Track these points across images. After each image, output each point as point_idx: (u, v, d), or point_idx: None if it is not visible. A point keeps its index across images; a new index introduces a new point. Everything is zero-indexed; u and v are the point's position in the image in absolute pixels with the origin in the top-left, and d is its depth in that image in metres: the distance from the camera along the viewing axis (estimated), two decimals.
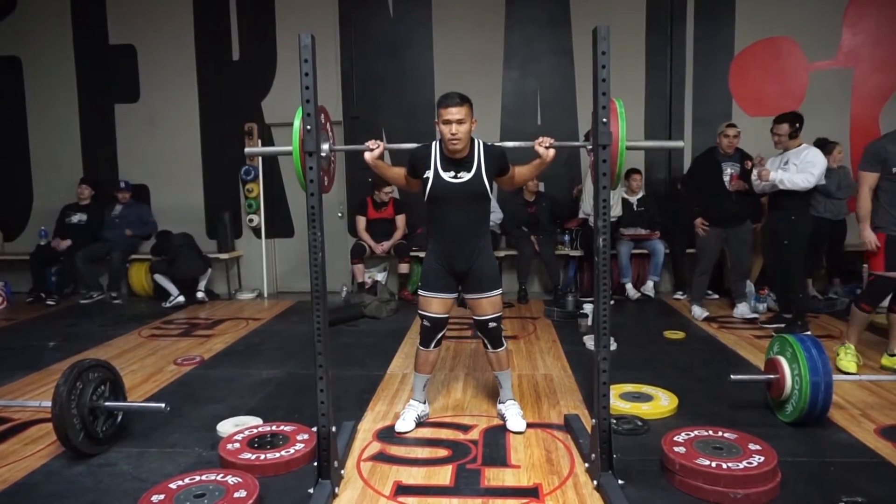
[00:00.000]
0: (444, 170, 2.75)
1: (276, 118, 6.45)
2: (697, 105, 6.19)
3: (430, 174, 2.75)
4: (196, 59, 6.53)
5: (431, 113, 6.37)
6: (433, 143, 2.82)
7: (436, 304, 2.86)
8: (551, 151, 2.68)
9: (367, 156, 2.73)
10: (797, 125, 4.32)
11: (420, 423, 2.94)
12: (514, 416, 2.90)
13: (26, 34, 6.63)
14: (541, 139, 2.68)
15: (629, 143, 2.33)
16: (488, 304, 2.86)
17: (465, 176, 2.74)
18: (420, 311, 2.90)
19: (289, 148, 2.41)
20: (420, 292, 2.92)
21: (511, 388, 3.05)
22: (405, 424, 2.88)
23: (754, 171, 4.56)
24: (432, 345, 2.91)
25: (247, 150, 2.77)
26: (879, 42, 5.94)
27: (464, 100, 2.66)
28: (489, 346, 2.94)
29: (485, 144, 2.80)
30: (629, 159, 6.57)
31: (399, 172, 2.92)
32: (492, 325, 2.88)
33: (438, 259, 2.84)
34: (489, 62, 6.29)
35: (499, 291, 2.89)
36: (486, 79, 6.27)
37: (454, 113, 2.63)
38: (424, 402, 3.02)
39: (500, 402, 3.04)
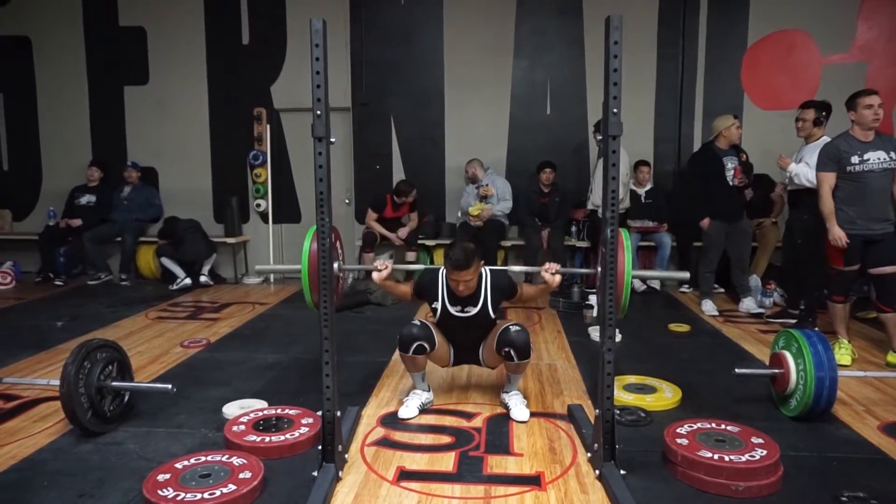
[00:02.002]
0: (452, 304, 2.86)
1: (286, 103, 6.39)
2: (709, 98, 6.14)
3: (437, 305, 2.87)
4: (206, 42, 6.52)
5: (440, 101, 6.40)
6: (440, 272, 2.87)
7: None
8: (557, 278, 2.71)
9: (375, 276, 2.80)
10: (823, 113, 4.26)
11: (424, 410, 2.96)
12: (517, 405, 2.92)
13: (36, 14, 6.64)
14: (547, 265, 2.72)
15: (635, 272, 2.44)
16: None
17: (472, 310, 2.86)
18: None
19: (297, 266, 2.43)
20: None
21: (518, 385, 3.05)
22: (409, 411, 2.90)
23: (790, 167, 4.47)
24: (412, 350, 2.83)
25: (257, 267, 2.86)
26: (894, 37, 5.87)
27: (471, 260, 2.68)
28: (516, 358, 2.80)
29: (492, 278, 2.86)
30: (638, 151, 6.47)
31: (406, 291, 3.01)
32: (514, 328, 2.80)
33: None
34: (499, 51, 6.26)
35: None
36: (495, 67, 6.25)
37: (463, 276, 2.70)
38: (428, 390, 3.04)
39: (503, 392, 3.05)
